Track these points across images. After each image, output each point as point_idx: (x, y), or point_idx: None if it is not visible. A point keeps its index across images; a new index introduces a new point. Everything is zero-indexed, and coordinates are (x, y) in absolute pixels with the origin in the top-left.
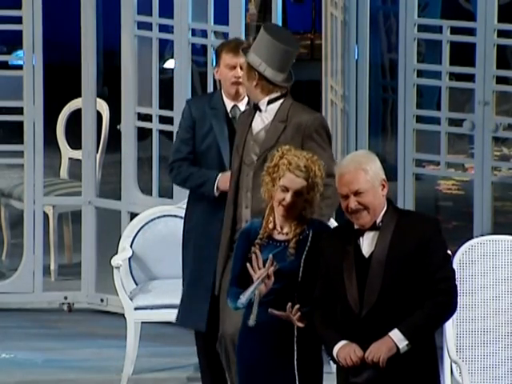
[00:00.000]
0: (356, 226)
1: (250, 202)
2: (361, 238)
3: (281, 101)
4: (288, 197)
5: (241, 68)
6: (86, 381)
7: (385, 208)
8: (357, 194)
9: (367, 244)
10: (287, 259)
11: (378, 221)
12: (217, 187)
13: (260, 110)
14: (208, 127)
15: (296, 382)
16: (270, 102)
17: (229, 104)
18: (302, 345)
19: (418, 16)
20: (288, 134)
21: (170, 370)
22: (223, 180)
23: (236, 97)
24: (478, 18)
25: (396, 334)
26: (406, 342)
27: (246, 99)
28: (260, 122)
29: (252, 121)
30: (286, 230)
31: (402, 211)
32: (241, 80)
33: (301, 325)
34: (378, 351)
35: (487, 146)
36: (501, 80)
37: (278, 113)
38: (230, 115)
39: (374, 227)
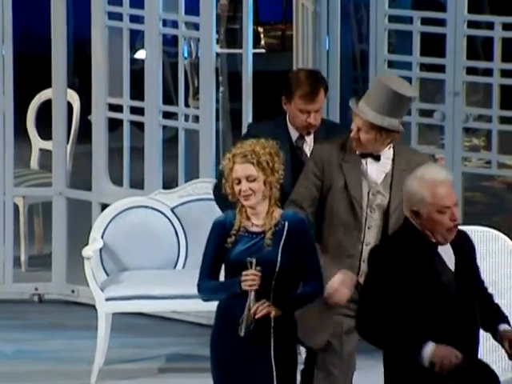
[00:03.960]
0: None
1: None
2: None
3: (391, 145)
4: (243, 185)
5: (316, 111)
6: (57, 372)
7: None
8: (455, 205)
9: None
10: (264, 250)
11: None
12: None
13: (378, 159)
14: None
15: (273, 372)
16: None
17: (294, 134)
18: (279, 335)
19: (389, 7)
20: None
21: (141, 361)
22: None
23: (306, 134)
24: (449, 8)
25: None
26: None
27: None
28: (379, 172)
29: (360, 169)
30: (260, 222)
31: None
32: (313, 123)
33: (273, 313)
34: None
35: (457, 137)
36: (471, 71)
37: (395, 160)
38: (295, 145)
39: None
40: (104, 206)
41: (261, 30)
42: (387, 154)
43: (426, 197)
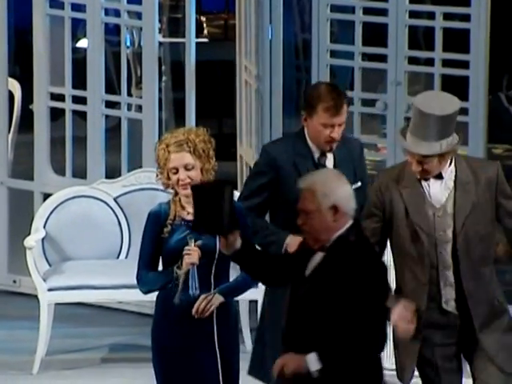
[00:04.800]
0: None
1: (453, 278)
2: None
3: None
4: (181, 175)
5: (339, 125)
6: None
7: None
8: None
9: None
10: (202, 237)
11: None
12: (285, 250)
13: (442, 178)
14: (295, 176)
15: (218, 360)
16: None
17: (316, 151)
18: (221, 323)
19: None
20: (480, 193)
21: (83, 351)
22: (292, 244)
23: (328, 151)
24: None
25: None
26: None
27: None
28: (444, 190)
29: (423, 191)
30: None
31: None
32: (337, 138)
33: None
34: None
35: (399, 126)
36: (412, 60)
37: (458, 175)
38: (317, 162)
39: None
40: (46, 196)
41: (203, 19)
42: (449, 169)
43: None
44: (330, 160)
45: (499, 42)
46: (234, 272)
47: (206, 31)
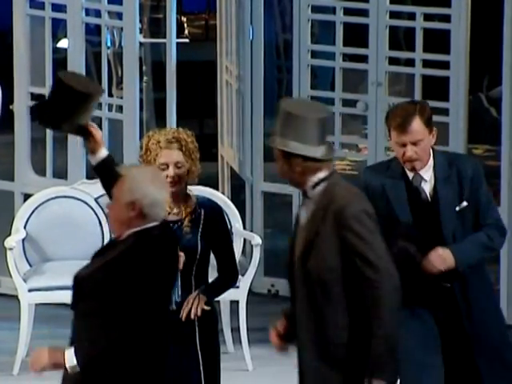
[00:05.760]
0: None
1: None
2: None
3: (325, 183)
4: (170, 171)
5: (412, 144)
6: None
7: None
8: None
9: None
10: (183, 238)
11: None
12: None
13: (308, 197)
14: (383, 199)
15: (200, 364)
16: (315, 185)
17: (410, 172)
18: (203, 326)
19: None
20: (327, 224)
21: None
22: None
23: (414, 170)
24: None
25: None
26: None
27: (429, 167)
28: (305, 212)
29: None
30: (175, 210)
31: None
32: (412, 157)
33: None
34: None
35: (380, 127)
36: (393, 61)
37: (319, 197)
38: (411, 183)
39: None
40: (27, 197)
41: (184, 19)
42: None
43: None
44: (428, 181)
45: (479, 42)
46: (213, 272)
47: (186, 31)
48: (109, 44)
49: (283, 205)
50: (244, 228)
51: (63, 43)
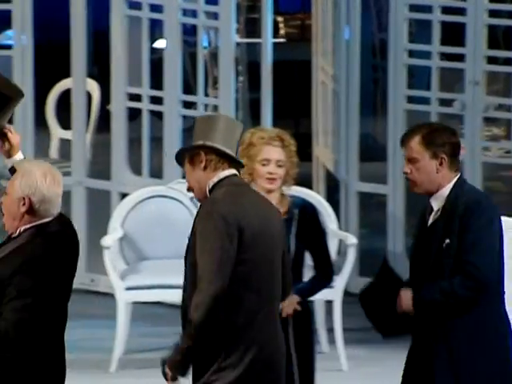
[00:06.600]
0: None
1: None
2: None
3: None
4: (271, 168)
5: (409, 161)
6: (78, 361)
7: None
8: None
9: None
10: None
11: None
12: None
13: None
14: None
15: (294, 362)
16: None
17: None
18: (297, 325)
19: None
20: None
21: (160, 351)
22: None
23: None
24: None
25: None
26: None
27: (441, 197)
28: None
29: None
30: None
31: None
32: (409, 175)
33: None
34: None
35: (477, 126)
36: (491, 60)
37: None
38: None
39: None
40: (123, 196)
41: (280, 19)
42: None
43: None
44: (435, 211)
45: None
46: (309, 274)
47: (282, 31)
48: (205, 44)
49: (378, 205)
50: (339, 228)
51: (160, 43)
